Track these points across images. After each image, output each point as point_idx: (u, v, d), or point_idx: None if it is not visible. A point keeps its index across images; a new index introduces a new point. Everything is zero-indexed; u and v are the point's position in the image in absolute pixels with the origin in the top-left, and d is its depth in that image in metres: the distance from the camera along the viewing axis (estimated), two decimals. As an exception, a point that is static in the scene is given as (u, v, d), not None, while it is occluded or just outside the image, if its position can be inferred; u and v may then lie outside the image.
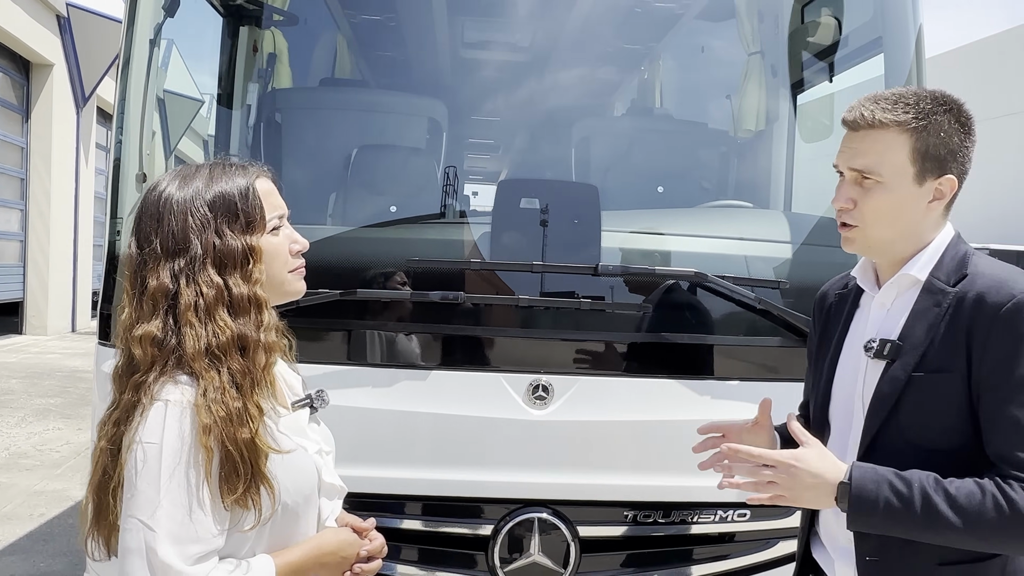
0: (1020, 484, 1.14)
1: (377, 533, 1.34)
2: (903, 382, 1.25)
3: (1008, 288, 1.19)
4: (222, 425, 1.07)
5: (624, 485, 1.97)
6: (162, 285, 1.12)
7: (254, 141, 3.22)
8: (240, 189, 1.19)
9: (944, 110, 1.28)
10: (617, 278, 1.97)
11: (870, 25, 2.71)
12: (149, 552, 1.04)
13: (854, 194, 1.30)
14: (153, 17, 2.32)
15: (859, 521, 1.22)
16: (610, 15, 3.13)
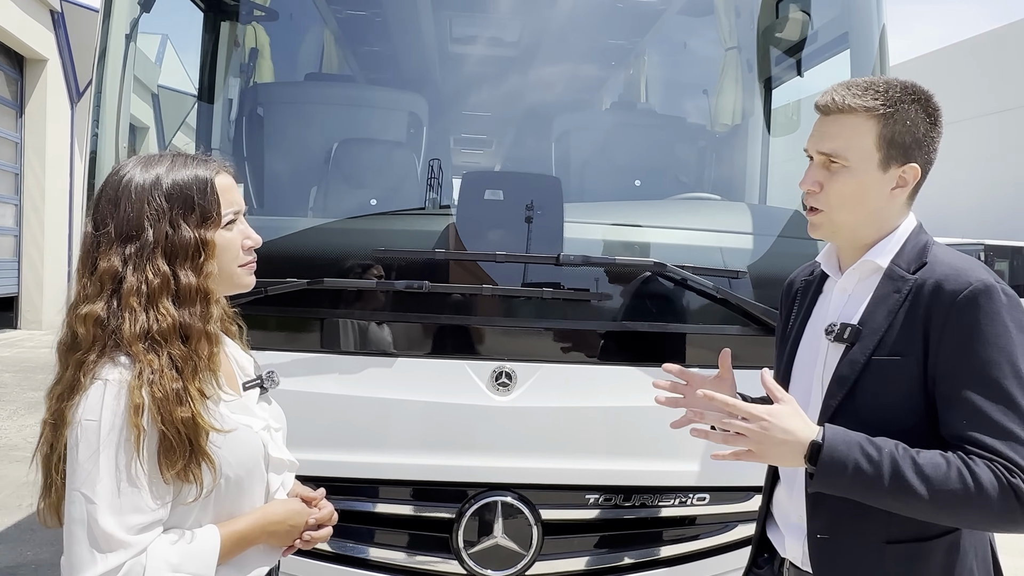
0: (987, 463, 1.16)
1: (327, 503, 1.39)
2: (861, 365, 1.27)
3: (965, 276, 1.22)
4: (159, 405, 1.11)
5: (585, 469, 2.02)
6: (111, 268, 1.16)
7: (236, 135, 3.27)
8: (199, 183, 1.23)
9: (912, 100, 1.31)
10: (579, 268, 2.01)
11: (837, 22, 2.75)
12: (91, 522, 1.09)
13: (821, 177, 1.33)
14: (129, 11, 2.35)
15: (825, 482, 1.21)
16: (589, 11, 3.17)
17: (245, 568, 1.26)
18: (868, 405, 1.26)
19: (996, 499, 1.14)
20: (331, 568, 2.01)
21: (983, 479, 1.14)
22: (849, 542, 1.28)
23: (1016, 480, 1.14)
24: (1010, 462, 1.15)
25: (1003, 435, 1.16)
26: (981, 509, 1.15)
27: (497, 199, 2.12)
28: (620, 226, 2.23)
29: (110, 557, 1.09)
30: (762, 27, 3.10)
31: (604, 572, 2.06)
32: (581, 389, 2.03)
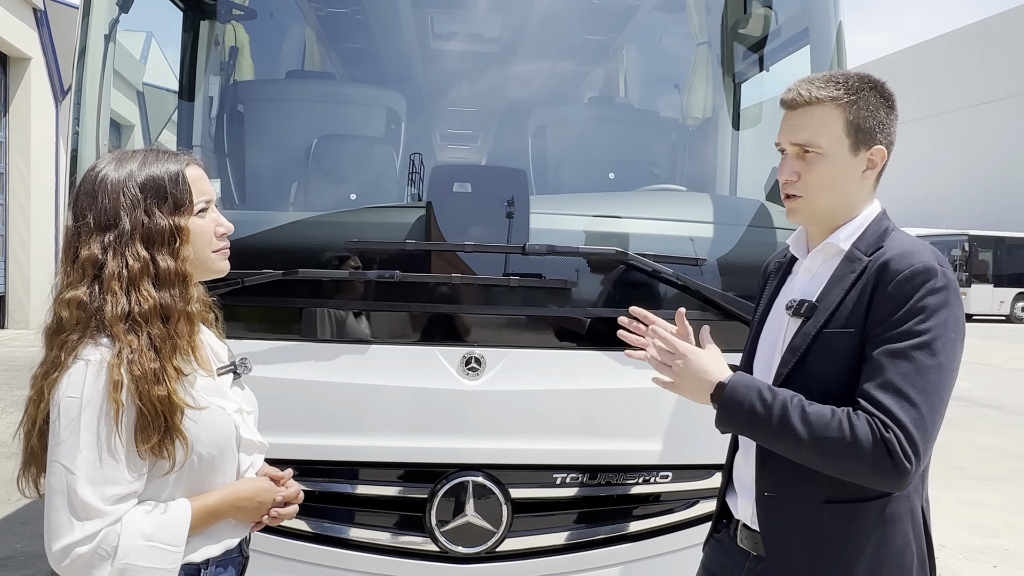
0: (868, 416, 1.25)
1: (293, 482, 1.48)
2: (812, 336, 1.38)
3: (910, 258, 1.31)
4: (138, 383, 1.19)
5: (553, 449, 2.11)
6: (92, 255, 1.24)
7: (217, 132, 3.33)
8: (170, 174, 1.31)
9: (870, 87, 1.41)
10: (545, 257, 2.10)
11: (799, 18, 2.85)
12: (70, 492, 1.17)
13: (797, 167, 1.42)
14: (108, 11, 2.41)
15: (725, 420, 1.38)
16: (565, 8, 3.25)
17: (216, 539, 1.34)
18: (814, 373, 1.36)
19: (868, 451, 1.23)
20: (310, 547, 2.09)
21: (859, 430, 1.24)
22: (792, 500, 1.38)
23: (889, 435, 1.23)
24: (891, 418, 1.24)
25: (896, 393, 1.25)
26: (853, 458, 1.25)
27: (465, 191, 2.20)
28: (586, 216, 2.32)
29: (87, 524, 1.17)
30: (730, 23, 3.20)
31: (572, 548, 2.15)
32: (548, 373, 2.12)
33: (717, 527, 1.61)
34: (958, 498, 5.39)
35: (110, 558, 1.18)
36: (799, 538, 1.37)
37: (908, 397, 1.25)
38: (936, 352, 1.26)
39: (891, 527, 1.34)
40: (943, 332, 1.27)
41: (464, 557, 2.07)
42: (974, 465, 6.36)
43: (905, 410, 1.24)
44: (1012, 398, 9.69)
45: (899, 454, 1.23)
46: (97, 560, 1.18)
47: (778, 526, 1.39)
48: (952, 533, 4.65)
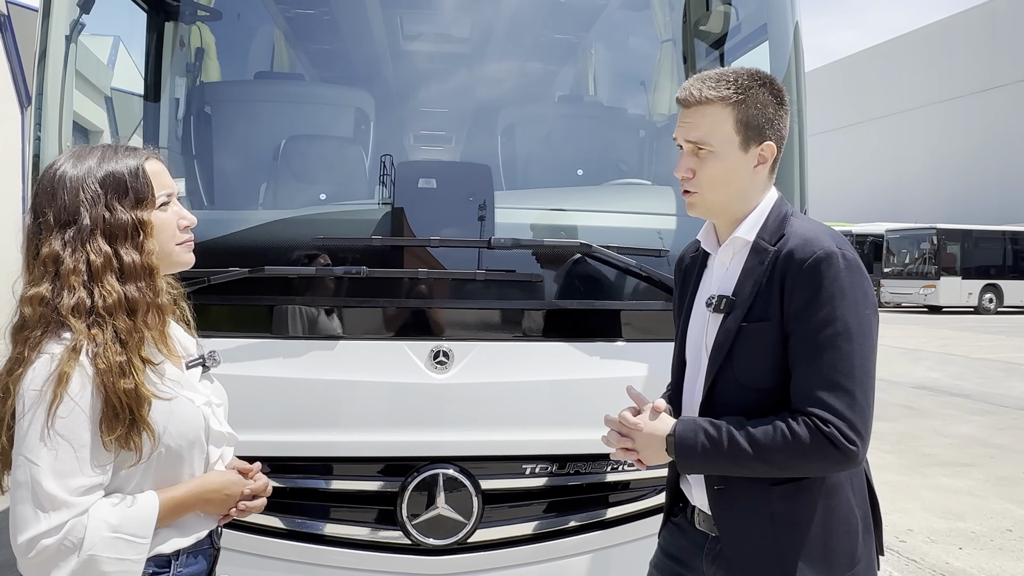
0: (804, 418, 1.32)
1: (262, 475, 1.49)
2: (735, 332, 1.42)
3: (811, 246, 1.36)
4: (103, 376, 1.20)
5: (521, 440, 2.14)
6: (52, 252, 1.25)
7: (184, 134, 3.32)
8: (130, 168, 1.32)
9: (760, 84, 1.44)
10: (510, 251, 2.13)
11: (757, 14, 2.91)
12: (35, 484, 1.17)
13: (692, 164, 1.46)
14: (68, 12, 2.40)
15: (685, 464, 1.44)
16: (531, 7, 3.28)
17: (185, 531, 1.35)
18: (743, 368, 1.42)
19: (814, 449, 1.31)
20: (282, 543, 2.10)
21: (800, 434, 1.32)
22: (740, 489, 1.43)
23: (829, 428, 1.30)
24: (827, 410, 1.31)
25: (826, 386, 1.32)
26: (803, 457, 1.33)
27: (431, 187, 2.22)
28: (550, 211, 2.35)
29: (53, 516, 1.17)
30: (693, 20, 3.25)
31: (543, 537, 2.18)
32: (515, 365, 2.15)
33: (673, 511, 1.65)
34: (926, 484, 5.51)
35: (76, 550, 1.18)
36: (752, 522, 1.42)
37: (838, 385, 1.32)
38: (852, 335, 1.33)
39: (834, 497, 1.41)
40: (854, 313, 1.33)
41: (436, 549, 2.10)
42: (942, 452, 6.50)
43: (839, 399, 1.31)
44: (979, 387, 9.91)
45: (843, 442, 1.30)
46: (63, 552, 1.18)
47: (731, 514, 1.45)
48: (919, 517, 4.76)
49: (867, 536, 1.44)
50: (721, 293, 1.48)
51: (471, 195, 2.18)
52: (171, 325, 1.42)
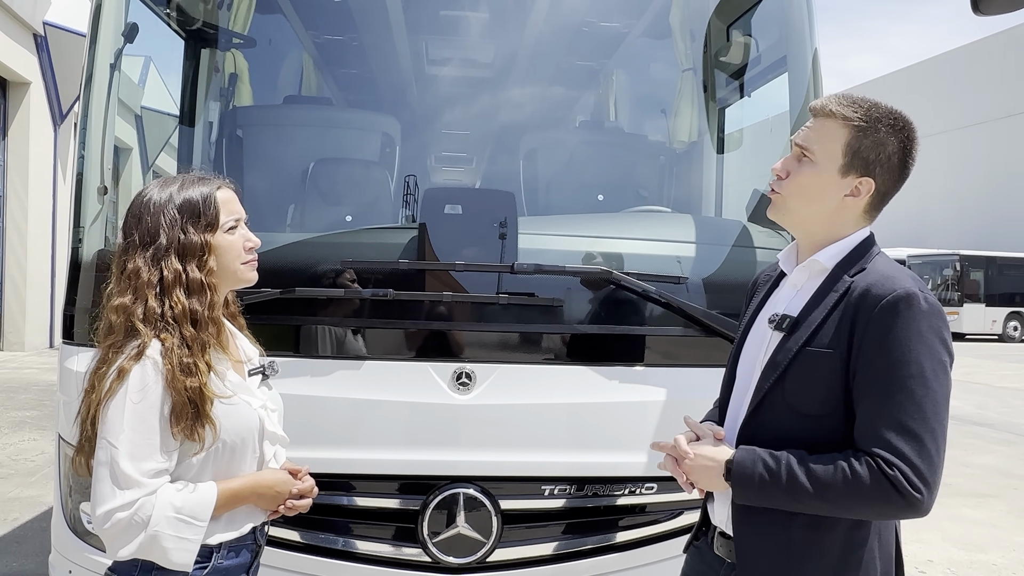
0: (868, 458, 1.30)
1: (309, 477, 1.62)
2: (793, 353, 1.40)
3: (891, 284, 1.34)
4: (173, 374, 1.36)
5: (541, 462, 2.17)
6: (135, 268, 1.43)
7: (216, 156, 3.42)
8: (203, 196, 1.50)
9: (890, 125, 1.43)
10: (532, 275, 2.18)
11: (777, 47, 2.97)
12: (113, 465, 1.33)
13: (791, 166, 1.47)
14: (113, 42, 2.51)
15: (741, 494, 1.41)
16: (555, 36, 3.36)
17: (235, 524, 1.49)
18: (794, 390, 1.40)
19: (876, 492, 1.28)
20: (304, 558, 2.14)
21: (861, 475, 1.29)
22: (764, 508, 1.41)
23: (894, 472, 1.27)
24: (894, 454, 1.28)
25: (896, 429, 1.29)
26: (863, 500, 1.30)
27: (456, 213, 2.29)
28: (572, 237, 2.41)
29: (127, 493, 1.33)
30: (713, 51, 3.32)
31: (560, 558, 2.20)
32: (536, 387, 2.19)
33: (697, 535, 1.66)
34: (948, 515, 5.44)
35: (144, 526, 1.34)
36: (769, 544, 1.42)
37: (908, 430, 1.29)
38: (927, 379, 1.30)
39: (856, 540, 1.39)
40: (930, 358, 1.31)
41: (455, 567, 2.13)
42: (964, 482, 6.42)
43: (907, 443, 1.28)
44: (1003, 416, 9.77)
45: (907, 488, 1.27)
46: (133, 526, 1.34)
47: (750, 532, 1.44)
48: (940, 548, 4.70)
49: None
50: (786, 313, 1.46)
51: (495, 221, 2.24)
52: (237, 335, 1.58)
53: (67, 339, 2.35)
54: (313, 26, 3.72)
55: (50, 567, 2.33)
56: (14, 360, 11.98)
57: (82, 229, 2.39)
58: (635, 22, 3.60)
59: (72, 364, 2.26)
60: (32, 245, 13.42)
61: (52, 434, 6.87)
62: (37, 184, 13.55)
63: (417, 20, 3.40)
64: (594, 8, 3.45)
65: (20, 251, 13.22)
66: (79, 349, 2.28)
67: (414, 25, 3.40)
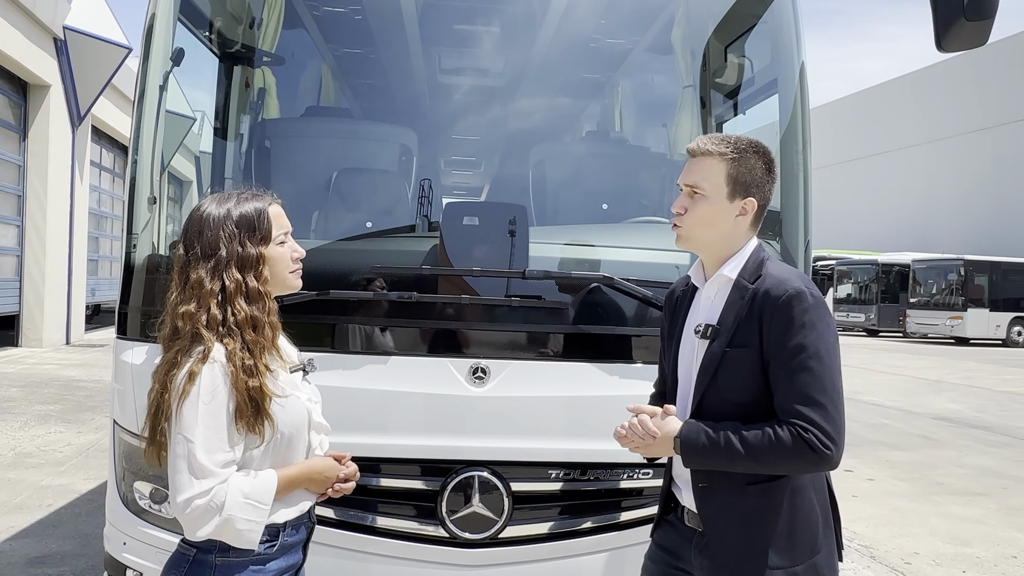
0: (788, 426, 1.59)
1: (352, 463, 1.82)
2: (719, 356, 1.70)
3: (784, 286, 1.64)
4: (236, 375, 1.54)
5: (549, 448, 2.41)
6: (198, 278, 1.58)
7: (246, 166, 3.68)
8: (257, 211, 1.67)
9: (754, 152, 1.74)
10: (541, 281, 2.43)
11: (769, 67, 3.20)
12: (190, 456, 1.51)
13: (686, 204, 1.75)
14: (162, 63, 2.77)
15: (688, 460, 1.71)
16: (562, 51, 3.60)
17: (291, 504, 1.68)
18: (726, 387, 1.70)
19: (796, 451, 1.58)
20: (336, 532, 2.38)
21: (783, 438, 1.59)
22: (721, 487, 1.71)
23: (808, 435, 1.57)
24: (805, 420, 1.58)
25: (804, 401, 1.59)
26: (786, 458, 1.60)
27: (474, 224, 2.53)
28: (578, 246, 2.65)
29: (203, 482, 1.51)
30: (712, 68, 3.56)
31: (565, 535, 2.44)
32: (545, 382, 2.43)
33: (666, 512, 1.94)
34: (936, 511, 5.65)
35: (218, 511, 1.52)
36: (730, 515, 1.70)
37: (814, 400, 1.59)
38: (822, 358, 1.60)
39: (798, 495, 1.68)
40: (822, 340, 1.61)
41: (470, 542, 2.37)
42: (956, 482, 6.63)
43: (815, 411, 1.58)
44: (1000, 419, 9.96)
45: (819, 446, 1.57)
46: (210, 511, 1.51)
47: (712, 508, 1.72)
48: (926, 542, 4.92)
49: (827, 530, 1.72)
50: (707, 322, 1.75)
51: (508, 231, 2.48)
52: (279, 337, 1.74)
53: (120, 335, 2.60)
54: (334, 41, 3.98)
55: (105, 539, 2.58)
56: (33, 356, 12.29)
57: (135, 236, 2.64)
58: (639, 38, 3.84)
59: (127, 357, 2.51)
60: (50, 244, 13.73)
61: (77, 427, 7.15)
62: (56, 184, 13.87)
63: (432, 35, 3.64)
64: (600, 24, 3.69)
65: (39, 250, 13.53)
66: (132, 344, 2.53)
67: (429, 40, 3.64)
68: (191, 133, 3.98)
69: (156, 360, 1.62)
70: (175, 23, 2.97)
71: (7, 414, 7.62)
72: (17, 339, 13.38)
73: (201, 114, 3.82)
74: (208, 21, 3.40)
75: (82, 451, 6.27)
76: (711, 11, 3.49)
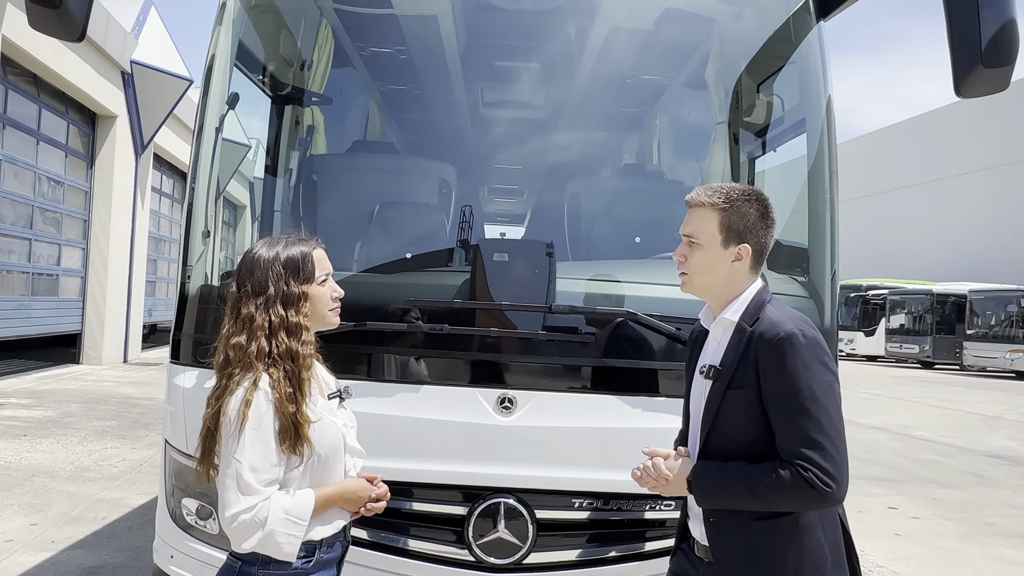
0: (790, 466, 1.65)
1: (383, 484, 1.95)
2: (721, 396, 1.77)
3: (776, 328, 1.71)
4: (279, 402, 1.69)
5: (573, 478, 2.49)
6: (249, 313, 1.75)
7: (294, 199, 3.88)
8: (303, 255, 1.83)
9: (746, 200, 1.81)
10: (567, 315, 2.53)
11: (798, 105, 3.27)
12: (239, 476, 1.66)
13: (686, 252, 1.85)
14: (219, 109, 2.98)
15: (701, 499, 1.80)
16: (596, 90, 3.73)
17: (327, 522, 1.82)
18: (728, 425, 1.77)
19: (797, 489, 1.64)
20: (368, 553, 2.50)
21: (784, 478, 1.66)
22: (729, 521, 1.78)
23: (808, 474, 1.63)
24: (805, 460, 1.64)
25: (803, 442, 1.65)
26: (789, 497, 1.67)
27: (504, 259, 2.65)
28: (604, 280, 2.74)
29: (249, 499, 1.66)
30: (743, 104, 3.64)
31: (588, 563, 2.51)
32: (569, 413, 2.52)
33: (681, 541, 2.01)
34: (983, 552, 5.49)
35: (261, 526, 1.66)
36: (738, 549, 1.76)
37: (812, 440, 1.65)
38: (817, 397, 1.66)
39: (805, 534, 1.73)
40: (816, 381, 1.67)
41: (495, 567, 2.45)
42: (1007, 523, 6.41)
43: (814, 451, 1.64)
44: (1059, 458, 9.57)
45: (819, 484, 1.63)
46: (254, 526, 1.66)
47: (721, 541, 1.79)
48: (971, 584, 4.79)
49: (836, 570, 1.76)
50: (712, 363, 1.83)
51: (536, 267, 2.59)
52: (317, 366, 1.90)
53: (174, 359, 2.78)
54: (380, 79, 4.18)
55: (154, 552, 2.74)
56: (92, 373, 12.82)
57: (189, 267, 2.83)
58: (674, 75, 3.94)
59: (179, 381, 2.68)
60: (112, 266, 14.36)
61: (132, 443, 7.46)
62: (119, 209, 14.54)
63: (472, 73, 3.80)
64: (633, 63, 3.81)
65: (101, 272, 14.17)
66: (184, 368, 2.71)
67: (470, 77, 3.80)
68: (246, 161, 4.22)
69: (206, 385, 1.78)
70: (232, 65, 3.19)
71: (68, 429, 7.99)
72: (79, 357, 13.99)
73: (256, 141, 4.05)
74: (262, 65, 3.63)
75: (136, 466, 6.55)
76: (742, 49, 3.58)
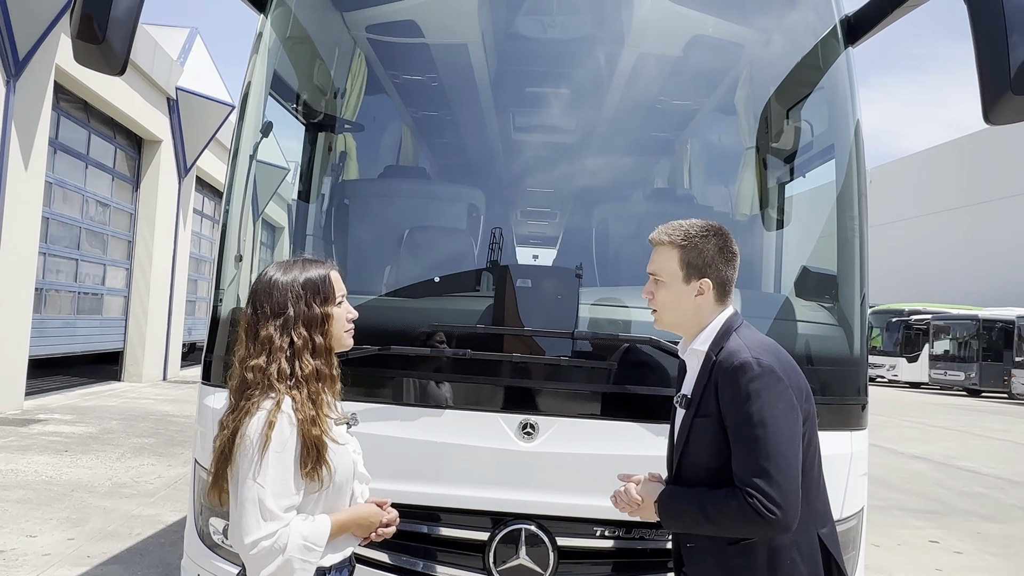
0: (740, 493, 1.69)
1: (392, 509, 1.96)
2: (689, 425, 1.85)
3: (732, 357, 1.76)
4: (301, 425, 1.68)
5: (595, 505, 2.47)
6: (268, 335, 1.74)
7: (326, 224, 3.96)
8: (321, 276, 1.84)
9: (704, 236, 1.87)
10: (589, 341, 2.53)
11: (827, 131, 3.25)
12: (260, 501, 1.64)
13: (652, 289, 1.94)
14: (253, 138, 3.07)
15: (666, 523, 1.88)
16: (624, 118, 3.75)
17: (337, 548, 1.81)
18: (697, 452, 1.83)
19: (743, 515, 1.69)
20: (387, 577, 2.51)
21: (732, 504, 1.71)
22: (705, 546, 1.83)
23: (753, 500, 1.68)
24: (751, 487, 1.68)
25: (750, 469, 1.70)
26: (737, 523, 1.72)
27: (527, 286, 2.67)
28: (627, 307, 2.74)
29: (270, 524, 1.65)
30: (773, 130, 3.62)
31: (609, 593, 2.49)
32: (591, 439, 2.51)
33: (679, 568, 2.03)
34: (1030, 590, 5.28)
35: (281, 552, 1.65)
36: (715, 573, 1.82)
37: (759, 467, 1.69)
38: (767, 425, 1.70)
39: (777, 556, 1.76)
40: (767, 408, 1.70)
41: (516, 594, 2.44)
42: (1055, 558, 6.16)
43: (760, 478, 1.68)
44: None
45: (764, 511, 1.66)
46: (273, 552, 1.64)
47: (699, 566, 1.86)
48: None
49: None
50: (684, 393, 1.90)
51: (558, 293, 2.60)
52: None
53: (205, 380, 2.84)
54: (412, 106, 4.26)
55: (182, 570, 2.79)
56: (133, 391, 13.12)
57: (221, 290, 2.91)
58: (703, 100, 3.95)
59: (209, 402, 2.74)
60: (154, 286, 14.75)
61: (168, 460, 7.60)
62: (162, 230, 14.95)
63: (502, 100, 3.85)
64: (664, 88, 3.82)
65: (144, 291, 14.56)
66: (215, 389, 2.76)
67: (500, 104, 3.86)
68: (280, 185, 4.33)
69: (219, 406, 1.80)
70: (267, 92, 3.29)
71: (107, 445, 8.18)
72: (120, 374, 14.34)
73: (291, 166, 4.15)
74: (296, 92, 3.73)
75: (170, 484, 6.67)
76: (771, 75, 3.57)
